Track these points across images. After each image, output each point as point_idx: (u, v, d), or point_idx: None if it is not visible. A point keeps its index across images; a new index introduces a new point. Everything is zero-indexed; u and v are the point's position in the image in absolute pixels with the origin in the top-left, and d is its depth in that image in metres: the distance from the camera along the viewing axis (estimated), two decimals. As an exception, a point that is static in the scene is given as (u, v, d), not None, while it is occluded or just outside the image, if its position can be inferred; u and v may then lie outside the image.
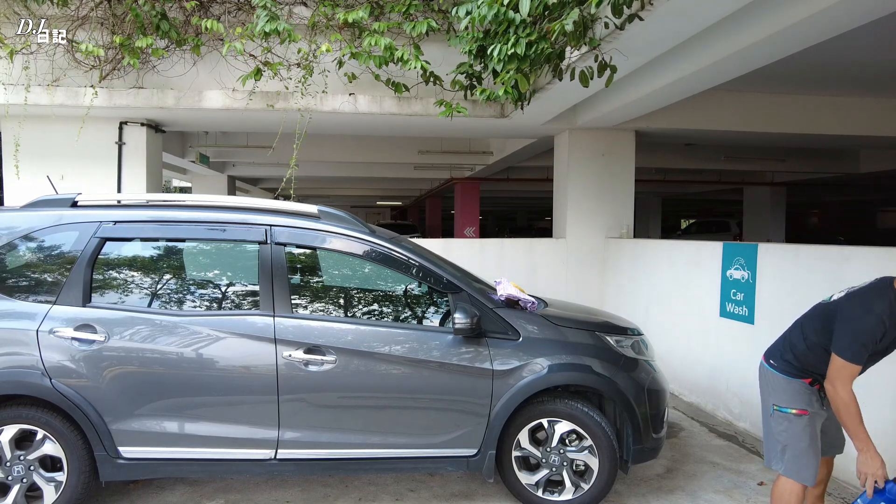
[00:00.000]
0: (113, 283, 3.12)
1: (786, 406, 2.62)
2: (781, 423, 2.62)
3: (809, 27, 3.69)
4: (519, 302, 3.36)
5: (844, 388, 2.38)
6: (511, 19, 4.04)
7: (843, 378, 2.38)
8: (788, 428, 2.60)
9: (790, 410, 2.59)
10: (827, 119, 7.47)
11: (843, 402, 2.38)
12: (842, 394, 2.38)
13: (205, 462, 3.05)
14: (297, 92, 5.64)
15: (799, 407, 2.59)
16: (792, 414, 2.59)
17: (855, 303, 2.45)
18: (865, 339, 2.34)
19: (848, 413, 2.38)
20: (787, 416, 2.61)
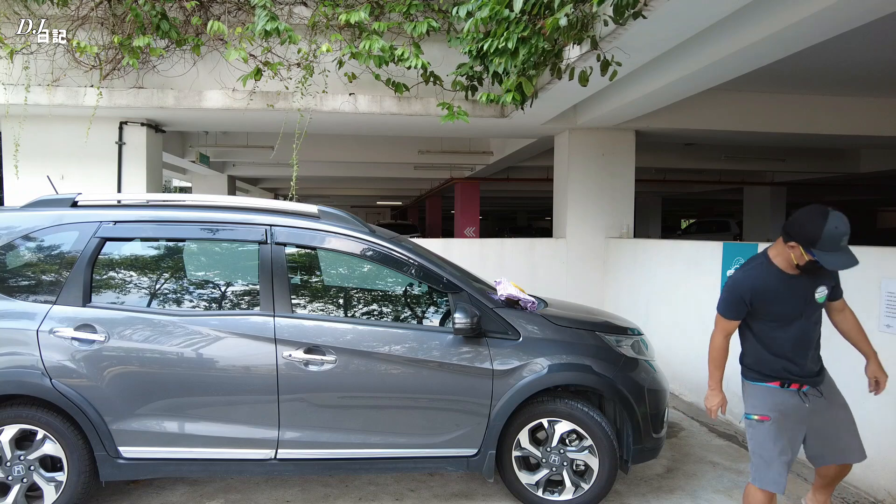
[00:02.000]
0: (113, 283, 3.12)
1: (750, 412, 2.68)
2: (748, 430, 2.69)
3: (809, 27, 3.69)
4: (519, 302, 3.36)
5: (715, 336, 2.73)
6: (506, 17, 4.04)
7: (716, 327, 2.72)
8: (753, 435, 2.65)
9: (753, 416, 2.64)
10: (827, 119, 7.47)
11: (710, 346, 2.76)
12: (713, 338, 2.74)
13: (205, 462, 3.05)
14: (298, 92, 5.64)
15: (760, 413, 2.62)
16: (754, 420, 2.64)
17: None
18: (727, 297, 2.63)
19: (710, 356, 2.78)
20: (750, 422, 2.65)
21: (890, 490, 3.34)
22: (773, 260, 2.57)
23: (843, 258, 2.37)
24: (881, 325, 3.37)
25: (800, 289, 2.54)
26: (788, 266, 2.53)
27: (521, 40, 4.07)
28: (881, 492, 3.38)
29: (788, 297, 2.54)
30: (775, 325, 2.58)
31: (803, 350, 2.61)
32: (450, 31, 5.48)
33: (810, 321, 2.60)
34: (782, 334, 2.58)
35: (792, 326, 2.57)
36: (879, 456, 3.40)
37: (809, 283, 2.54)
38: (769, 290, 2.55)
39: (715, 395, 2.80)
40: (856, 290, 3.54)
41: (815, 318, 2.64)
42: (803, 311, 2.56)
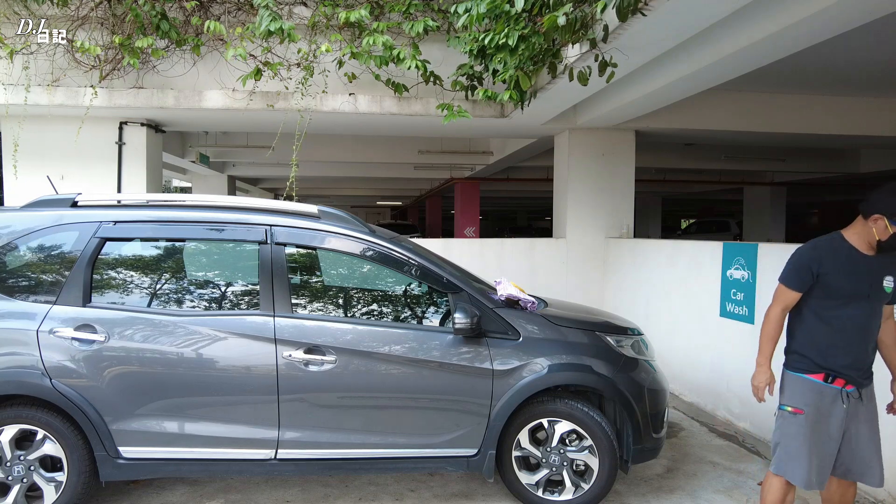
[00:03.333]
0: (113, 283, 3.12)
1: (785, 403, 2.62)
2: (778, 420, 2.64)
3: (809, 27, 3.69)
4: (519, 302, 3.36)
5: (772, 309, 2.66)
6: (506, 12, 4.05)
7: (776, 298, 2.66)
8: (782, 425, 2.61)
9: (787, 408, 2.60)
10: (827, 119, 7.47)
11: (766, 319, 2.67)
12: (769, 311, 2.67)
13: (205, 462, 3.05)
14: (298, 92, 5.64)
15: (795, 405, 2.57)
16: (787, 411, 2.59)
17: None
18: (793, 266, 2.60)
19: (763, 329, 2.68)
20: (783, 413, 2.61)
21: (890, 490, 3.34)
22: (846, 238, 2.55)
23: None
24: (881, 325, 3.36)
25: (871, 270, 2.50)
26: (864, 245, 2.51)
27: (521, 38, 4.07)
28: (881, 492, 3.38)
29: (857, 273, 2.49)
30: (838, 304, 2.52)
31: (861, 341, 2.53)
32: (449, 31, 5.48)
33: (876, 312, 2.54)
34: (844, 314, 2.51)
35: (855, 308, 2.50)
36: (879, 456, 3.39)
37: (880, 268, 2.51)
38: (840, 261, 2.51)
39: (763, 371, 2.69)
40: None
41: (879, 311, 2.56)
42: (872, 295, 2.50)
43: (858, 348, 2.53)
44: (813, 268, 2.54)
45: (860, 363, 2.55)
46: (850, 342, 2.53)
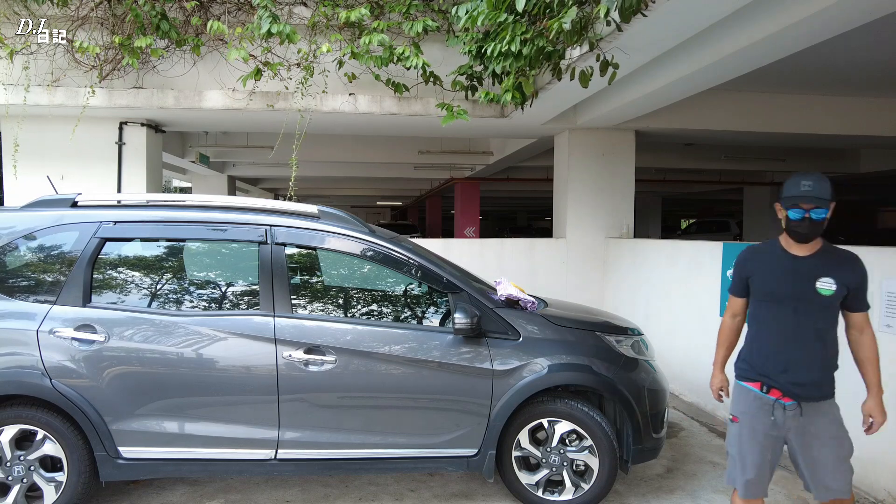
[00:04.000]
0: (113, 283, 3.12)
1: (730, 410, 2.62)
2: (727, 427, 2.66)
3: (809, 27, 3.69)
4: (519, 302, 3.36)
5: (724, 314, 2.73)
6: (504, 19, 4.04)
7: (727, 304, 2.72)
8: (727, 432, 2.62)
9: (730, 415, 2.60)
10: (827, 119, 7.47)
11: (720, 324, 2.74)
12: (723, 317, 2.74)
13: (205, 462, 3.05)
14: (298, 92, 5.64)
15: (733, 412, 2.56)
16: (729, 419, 2.60)
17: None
18: (733, 271, 2.64)
19: (717, 334, 2.75)
20: (729, 420, 2.61)
21: (890, 490, 3.34)
22: (780, 240, 2.51)
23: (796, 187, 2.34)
24: (881, 325, 3.37)
25: (799, 271, 2.40)
26: (791, 244, 2.45)
27: (523, 42, 4.06)
28: (881, 492, 3.39)
29: (783, 274, 2.42)
30: (765, 307, 2.49)
31: (796, 348, 2.41)
32: (449, 32, 5.48)
33: (809, 316, 2.39)
34: (770, 317, 2.46)
35: (780, 311, 2.42)
36: (879, 456, 3.40)
37: (813, 269, 2.39)
38: (767, 263, 2.49)
39: (714, 375, 2.74)
40: (856, 290, 3.54)
41: (818, 316, 2.39)
42: (798, 296, 2.39)
43: (792, 356, 2.42)
44: (743, 271, 2.57)
45: (798, 374, 2.40)
46: (780, 349, 2.44)
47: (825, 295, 2.37)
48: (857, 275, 2.39)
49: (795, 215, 2.34)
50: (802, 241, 2.39)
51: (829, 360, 2.43)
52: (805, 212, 2.32)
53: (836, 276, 2.36)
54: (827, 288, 2.36)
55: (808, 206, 2.31)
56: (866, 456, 3.48)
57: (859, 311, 2.43)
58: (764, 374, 2.48)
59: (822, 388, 2.42)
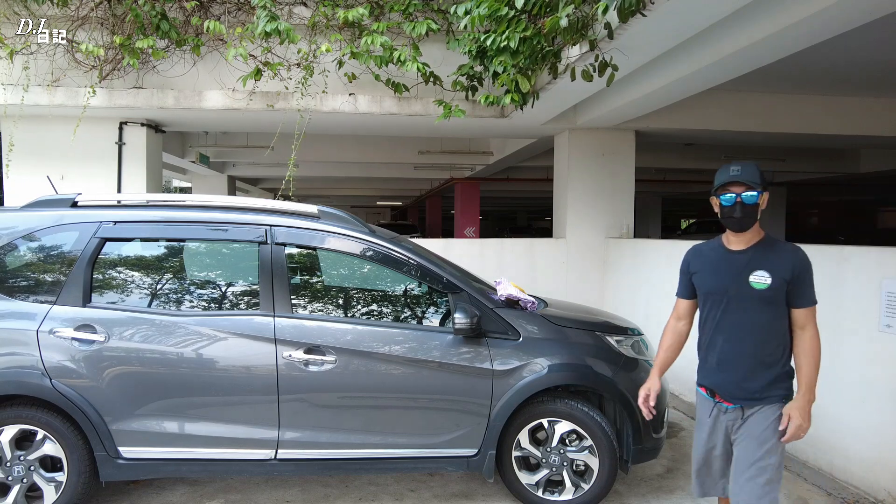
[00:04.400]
0: (113, 283, 3.12)
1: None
2: None
3: (809, 27, 3.69)
4: (519, 302, 3.36)
5: (670, 316, 2.65)
6: (505, 14, 4.04)
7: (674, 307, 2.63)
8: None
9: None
10: (827, 119, 7.47)
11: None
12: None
13: (205, 462, 3.05)
14: (297, 92, 5.64)
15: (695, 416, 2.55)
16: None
17: None
18: (679, 274, 2.57)
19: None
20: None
21: (890, 490, 3.34)
22: (722, 237, 2.44)
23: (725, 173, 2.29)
24: (881, 325, 3.37)
25: (734, 265, 2.33)
26: (730, 240, 2.37)
27: (522, 39, 4.07)
28: (881, 492, 3.39)
29: (719, 269, 2.37)
30: (705, 305, 2.43)
31: (728, 346, 2.34)
32: (449, 33, 5.48)
33: (743, 312, 2.30)
34: (710, 316, 2.40)
35: (718, 308, 2.35)
36: (879, 456, 3.40)
37: (748, 262, 2.30)
38: (706, 259, 2.43)
39: (649, 379, 2.63)
40: (856, 289, 3.54)
41: (754, 312, 2.29)
42: (732, 291, 2.31)
43: (725, 354, 2.36)
44: (687, 271, 2.52)
45: (730, 372, 2.34)
46: (714, 347, 2.39)
47: (759, 289, 2.26)
48: (795, 267, 2.25)
49: (727, 201, 2.29)
50: (738, 228, 2.30)
51: (770, 360, 2.30)
52: (736, 195, 2.26)
53: (772, 269, 2.26)
54: (761, 281, 2.26)
55: (738, 190, 2.26)
56: (866, 456, 3.48)
57: (800, 308, 2.28)
58: (707, 375, 2.45)
59: (762, 390, 2.29)
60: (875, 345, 3.42)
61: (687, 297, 2.55)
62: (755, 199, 2.25)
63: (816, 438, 3.84)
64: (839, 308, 3.66)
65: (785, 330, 2.31)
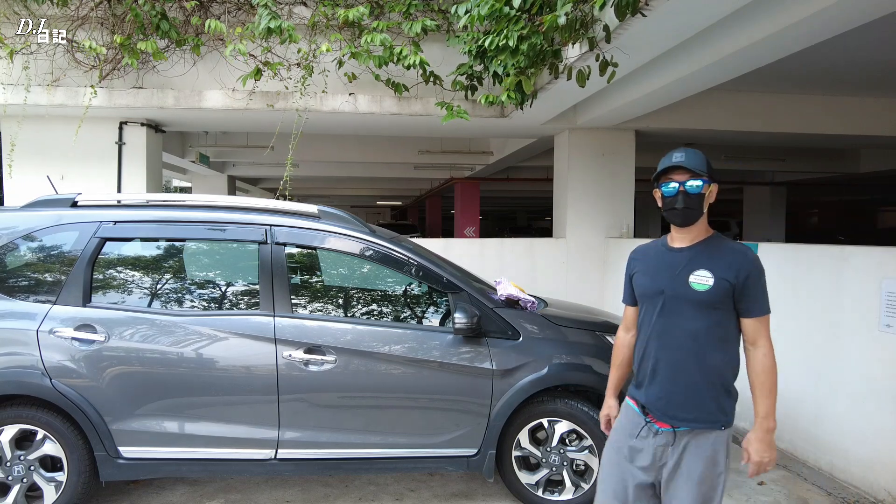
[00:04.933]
0: (113, 283, 3.12)
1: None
2: None
3: (809, 27, 3.69)
4: (519, 302, 3.36)
5: (619, 327, 2.37)
6: (506, 14, 4.04)
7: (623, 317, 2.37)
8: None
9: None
10: (827, 119, 7.47)
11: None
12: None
13: (205, 462, 3.05)
14: (297, 92, 5.64)
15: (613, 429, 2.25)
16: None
17: None
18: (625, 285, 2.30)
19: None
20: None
21: (890, 490, 3.34)
22: (667, 236, 2.19)
23: (667, 160, 2.05)
24: (881, 325, 3.37)
25: (673, 263, 2.06)
26: (674, 237, 2.13)
27: (520, 38, 4.07)
28: (881, 492, 3.39)
29: (657, 268, 2.11)
30: (643, 308, 2.15)
31: (662, 356, 2.04)
32: (449, 31, 5.48)
33: (680, 316, 2.01)
34: (646, 321, 2.11)
35: (656, 312, 2.06)
36: (879, 456, 3.40)
37: (688, 260, 2.03)
38: (647, 259, 2.18)
39: (605, 401, 2.37)
40: (856, 289, 3.54)
41: (692, 317, 1.99)
42: (669, 293, 2.02)
43: (663, 367, 2.04)
44: (628, 272, 2.26)
45: (669, 390, 2.03)
46: (650, 356, 2.08)
47: (699, 290, 1.97)
48: (743, 268, 1.96)
49: (668, 191, 2.03)
50: (681, 222, 2.03)
51: (712, 376, 1.99)
52: (678, 184, 2.01)
53: (716, 269, 1.97)
54: (702, 282, 1.97)
55: (681, 178, 2.00)
56: (866, 456, 3.48)
57: (749, 317, 1.99)
58: (639, 387, 2.14)
59: (700, 412, 1.98)
60: (875, 345, 3.42)
61: (634, 303, 2.26)
62: (700, 188, 1.99)
63: (816, 438, 3.84)
64: (839, 308, 3.66)
65: (731, 342, 2.02)
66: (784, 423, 4.13)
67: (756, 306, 1.98)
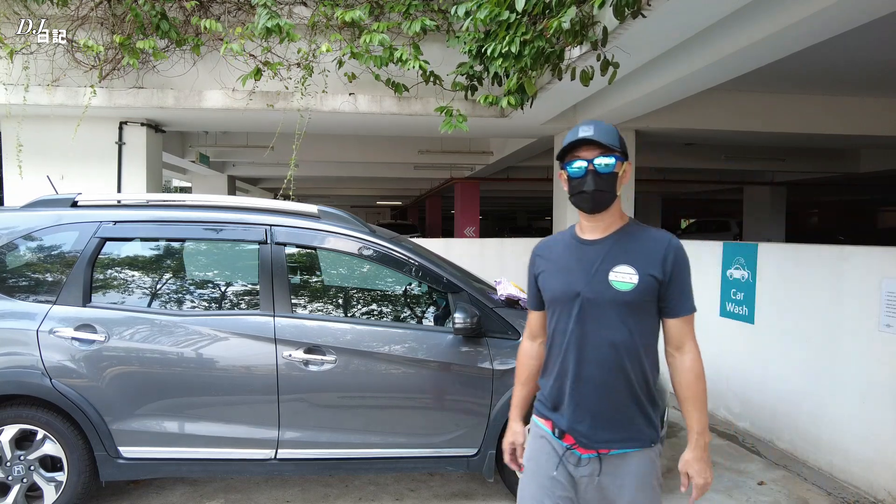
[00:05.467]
0: (113, 283, 3.12)
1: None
2: None
3: (809, 27, 3.69)
4: (519, 301, 3.36)
5: (522, 337, 2.04)
6: (506, 18, 4.04)
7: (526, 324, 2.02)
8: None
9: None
10: (827, 119, 7.47)
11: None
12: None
13: (205, 462, 3.05)
14: (297, 92, 5.64)
15: (524, 459, 1.90)
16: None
17: None
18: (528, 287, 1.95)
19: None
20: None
21: (890, 490, 3.34)
22: (575, 226, 1.86)
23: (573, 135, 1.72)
24: (881, 324, 3.37)
25: (588, 259, 1.73)
26: (584, 227, 1.81)
27: (523, 43, 4.06)
28: (881, 492, 3.39)
29: (568, 266, 1.76)
30: (554, 315, 1.79)
31: (580, 370, 1.71)
32: (449, 32, 5.48)
33: (599, 323, 1.69)
34: (557, 329, 1.77)
35: (573, 320, 1.71)
36: (880, 456, 3.40)
37: (603, 254, 1.72)
38: (554, 254, 1.83)
39: (507, 431, 2.01)
40: (856, 289, 3.54)
41: (613, 323, 1.68)
42: (588, 294, 1.69)
43: (586, 386, 1.71)
44: (532, 270, 1.90)
45: (595, 411, 1.70)
46: (568, 373, 1.73)
47: (622, 290, 1.67)
48: (668, 260, 1.70)
49: (576, 170, 1.70)
50: (591, 208, 1.71)
51: (640, 389, 1.72)
52: (587, 162, 1.68)
53: (638, 263, 1.68)
54: (624, 281, 1.67)
55: (589, 154, 1.68)
56: (866, 456, 3.48)
57: (676, 317, 1.74)
58: (554, 409, 1.80)
59: (628, 431, 1.71)
60: (875, 345, 3.42)
61: (540, 307, 1.91)
62: (612, 167, 1.68)
63: (816, 438, 3.84)
64: (839, 308, 3.66)
65: (654, 347, 1.78)
66: (784, 422, 4.13)
67: (684, 304, 1.74)
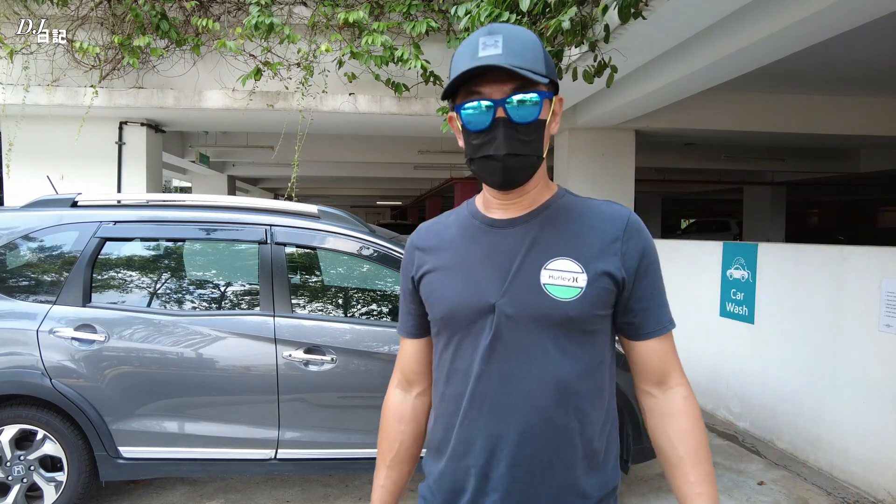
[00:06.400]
0: (113, 283, 3.12)
1: None
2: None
3: (809, 27, 3.69)
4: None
5: (389, 383, 1.39)
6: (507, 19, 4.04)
7: (396, 362, 1.37)
8: None
9: None
10: (827, 119, 7.47)
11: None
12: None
13: (205, 462, 3.04)
14: (298, 92, 5.64)
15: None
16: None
17: None
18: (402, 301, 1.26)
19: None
20: None
21: (890, 490, 3.34)
22: (475, 200, 1.17)
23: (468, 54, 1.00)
24: (881, 324, 3.37)
25: (501, 250, 1.07)
26: (489, 202, 1.12)
27: None
28: (881, 492, 3.39)
29: (468, 262, 1.10)
30: (444, 341, 1.14)
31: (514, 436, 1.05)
32: (449, 32, 5.48)
33: (531, 352, 1.04)
34: (459, 368, 1.11)
35: (479, 349, 1.07)
36: (880, 456, 3.40)
37: (526, 243, 1.07)
38: (441, 244, 1.15)
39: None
40: (856, 289, 3.54)
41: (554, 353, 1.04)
42: (505, 308, 1.04)
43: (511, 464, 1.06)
44: (407, 275, 1.21)
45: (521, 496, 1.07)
46: (476, 444, 1.09)
47: (562, 299, 1.03)
48: (630, 247, 1.09)
49: (474, 116, 1.00)
50: (504, 183, 1.04)
51: (589, 451, 1.16)
52: (493, 103, 0.99)
53: (583, 256, 1.05)
54: (564, 284, 1.04)
55: (497, 91, 0.99)
56: (866, 456, 3.48)
57: (650, 336, 1.12)
58: (453, 487, 1.15)
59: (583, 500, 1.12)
60: (875, 345, 3.42)
61: (416, 333, 1.25)
62: (537, 110, 1.00)
63: (816, 438, 3.84)
64: (839, 308, 3.66)
65: (609, 389, 1.19)
66: (784, 422, 4.13)
67: (660, 315, 1.12)
